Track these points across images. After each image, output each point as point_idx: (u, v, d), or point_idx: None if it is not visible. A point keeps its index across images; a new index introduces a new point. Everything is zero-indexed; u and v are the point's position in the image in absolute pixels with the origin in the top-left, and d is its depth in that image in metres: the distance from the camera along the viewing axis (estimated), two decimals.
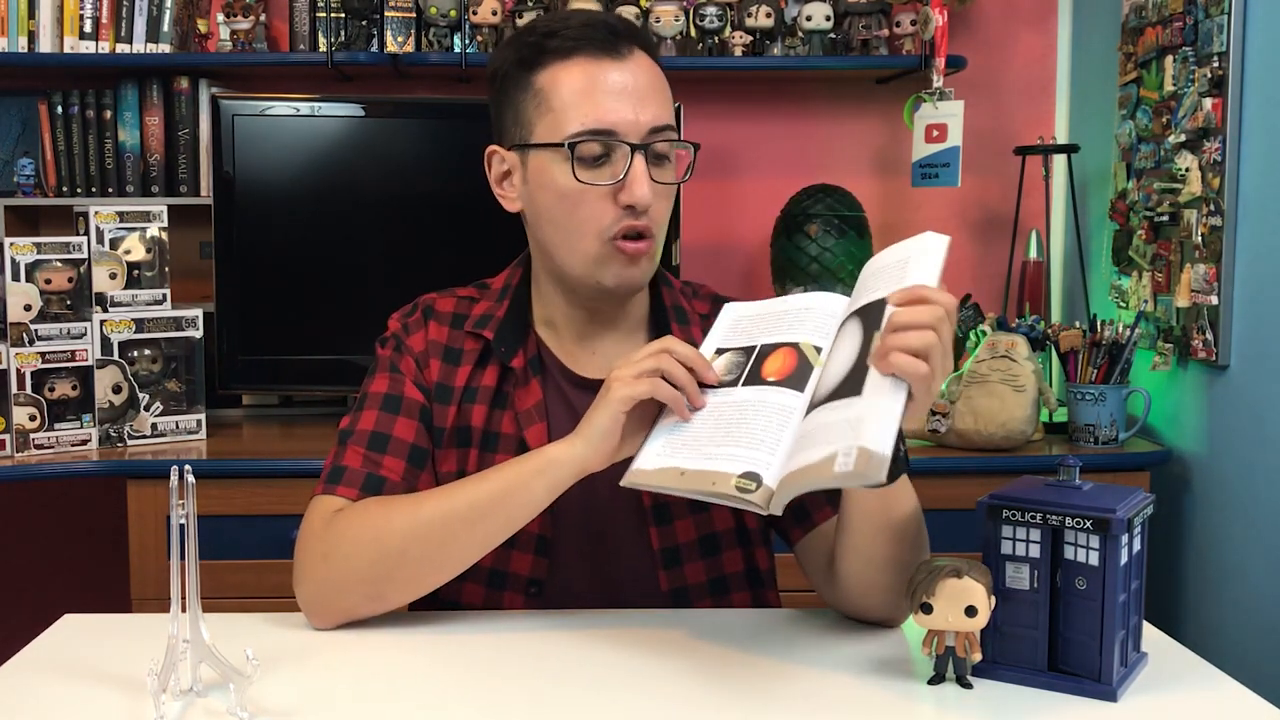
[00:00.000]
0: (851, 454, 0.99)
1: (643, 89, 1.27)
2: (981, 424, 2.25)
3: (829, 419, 1.05)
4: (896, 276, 1.10)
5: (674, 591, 1.33)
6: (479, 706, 1.06)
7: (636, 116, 1.25)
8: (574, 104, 1.26)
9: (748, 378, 1.16)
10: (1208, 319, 2.17)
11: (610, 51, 1.27)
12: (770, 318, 1.22)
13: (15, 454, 2.18)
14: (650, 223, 1.28)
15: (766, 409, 1.11)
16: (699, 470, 1.10)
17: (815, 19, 2.62)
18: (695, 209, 2.75)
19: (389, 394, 1.33)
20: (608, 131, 1.25)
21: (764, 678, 1.12)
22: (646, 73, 1.28)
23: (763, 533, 1.37)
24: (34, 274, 2.19)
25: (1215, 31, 2.13)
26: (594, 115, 1.25)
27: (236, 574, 2.14)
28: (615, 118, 1.25)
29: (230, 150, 2.45)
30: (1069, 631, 1.08)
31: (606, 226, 1.26)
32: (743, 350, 1.19)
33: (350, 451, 1.30)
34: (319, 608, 1.23)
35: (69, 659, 1.16)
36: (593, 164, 1.26)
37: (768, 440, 1.09)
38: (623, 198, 1.25)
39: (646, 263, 1.30)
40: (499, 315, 1.36)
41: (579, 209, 1.27)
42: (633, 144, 1.25)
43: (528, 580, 1.32)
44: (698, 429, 1.14)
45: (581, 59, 1.26)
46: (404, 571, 1.21)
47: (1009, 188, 2.74)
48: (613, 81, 1.26)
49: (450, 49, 2.63)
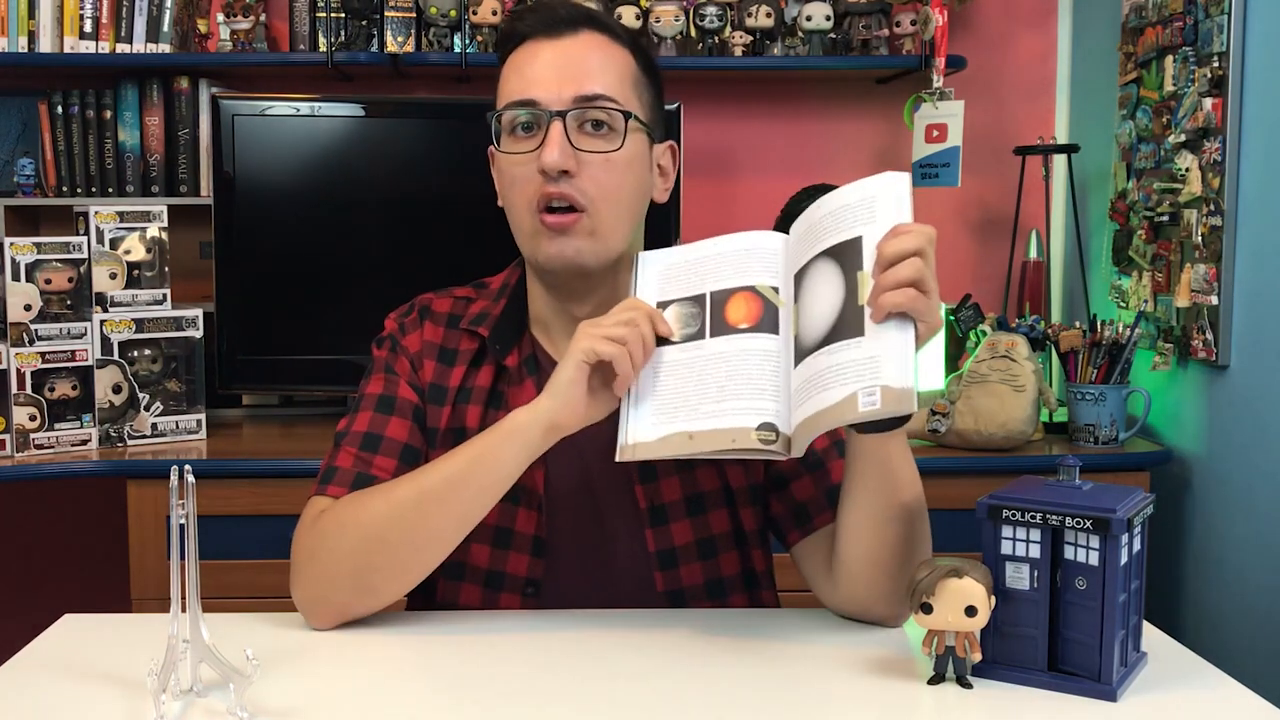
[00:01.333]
0: (875, 393, 1.03)
1: (575, 62, 1.27)
2: (981, 424, 2.25)
3: (837, 360, 1.07)
4: (864, 215, 1.11)
5: (670, 593, 1.32)
6: (478, 706, 1.06)
7: (559, 88, 1.25)
8: (507, 80, 1.29)
9: (713, 328, 1.16)
10: (1208, 319, 2.17)
11: (550, 31, 1.28)
12: (707, 263, 1.22)
13: (15, 454, 2.18)
14: (575, 192, 1.25)
15: (751, 356, 1.13)
16: (711, 430, 1.11)
17: (815, 19, 2.62)
18: (695, 209, 2.75)
19: (383, 395, 1.33)
20: (528, 101, 1.26)
21: (763, 678, 1.12)
22: (586, 48, 1.28)
23: (760, 534, 1.37)
24: (34, 274, 2.19)
25: (1215, 31, 2.13)
26: (520, 87, 1.27)
27: (236, 574, 2.14)
28: (538, 89, 1.26)
29: (230, 150, 2.45)
30: (1069, 631, 1.08)
31: (530, 196, 1.26)
32: (692, 300, 1.20)
33: (343, 452, 1.30)
34: (314, 607, 1.23)
35: (69, 659, 1.16)
36: (522, 135, 1.27)
37: (768, 388, 1.11)
38: (538, 163, 1.25)
39: (581, 239, 1.27)
40: (495, 314, 1.36)
41: (511, 183, 1.29)
42: (552, 111, 1.25)
43: (525, 581, 1.32)
44: (682, 387, 1.15)
45: (527, 43, 1.29)
46: (385, 556, 1.21)
47: (1009, 188, 2.74)
48: (546, 56, 1.28)
49: (450, 49, 2.63)
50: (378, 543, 1.20)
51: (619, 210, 1.29)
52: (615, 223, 1.29)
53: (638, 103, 1.30)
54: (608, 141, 1.27)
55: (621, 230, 1.30)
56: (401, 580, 1.23)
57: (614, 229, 1.29)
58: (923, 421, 2.30)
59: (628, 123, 1.27)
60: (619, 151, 1.27)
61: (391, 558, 1.21)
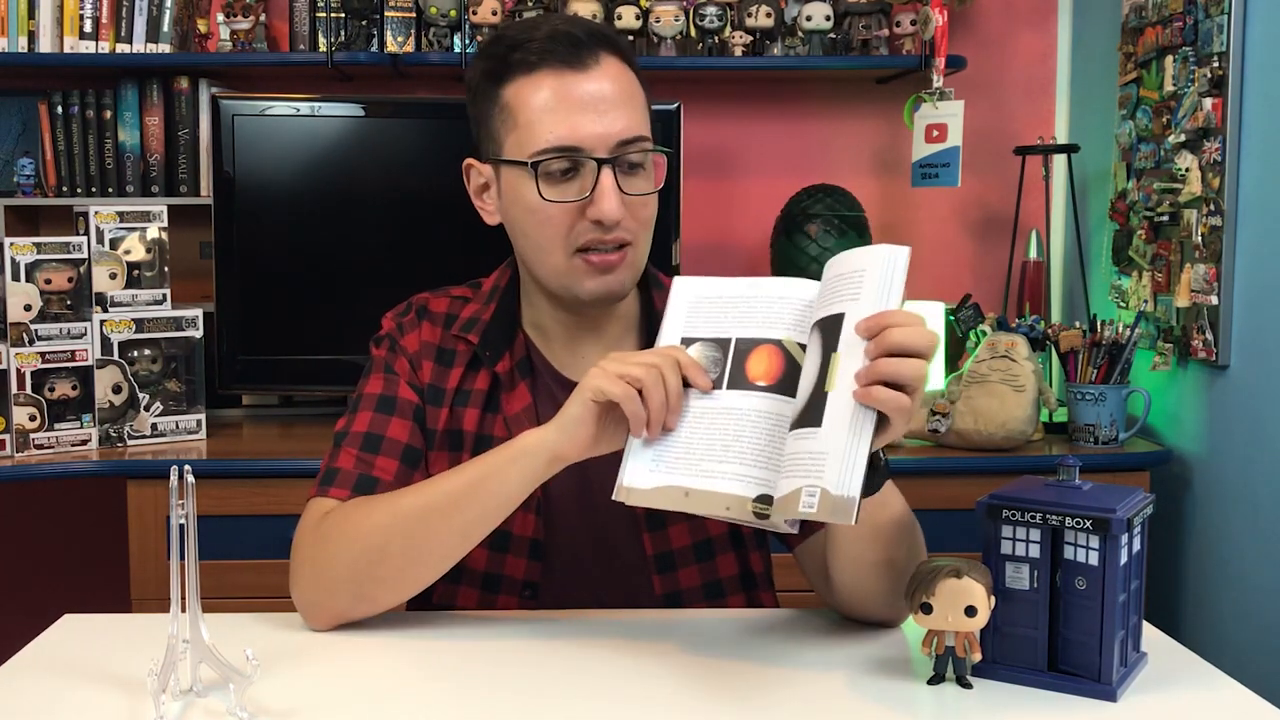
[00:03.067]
0: (815, 494, 0.99)
1: (609, 99, 1.24)
2: (981, 424, 2.25)
3: (796, 448, 1.03)
4: (851, 290, 1.05)
5: (668, 596, 1.33)
6: (476, 707, 1.06)
7: (604, 130, 1.22)
8: (539, 120, 1.23)
9: (731, 379, 1.12)
10: (1208, 319, 2.17)
11: (574, 64, 1.23)
12: (739, 304, 1.15)
13: (15, 454, 2.18)
14: (624, 233, 1.25)
15: (763, 420, 1.09)
16: (706, 491, 1.09)
17: (815, 19, 2.62)
18: (695, 209, 2.75)
19: (383, 395, 1.33)
20: (573, 148, 1.22)
21: (762, 679, 1.12)
22: (614, 80, 1.25)
23: (758, 536, 1.37)
24: (34, 274, 2.19)
25: (1215, 31, 2.13)
26: (558, 132, 1.22)
27: (236, 574, 2.14)
28: (581, 133, 1.22)
29: (230, 150, 2.44)
30: (1069, 631, 1.08)
31: (573, 240, 1.25)
32: (716, 344, 1.15)
33: (344, 453, 1.29)
34: (312, 610, 1.23)
35: (69, 659, 1.16)
36: (560, 179, 1.24)
37: (773, 456, 1.07)
38: (590, 213, 1.23)
39: (624, 272, 1.27)
40: (485, 319, 1.35)
41: (547, 226, 1.25)
42: (599, 159, 1.22)
43: (523, 584, 1.32)
44: (688, 437, 1.11)
45: (546, 73, 1.24)
46: (385, 568, 1.20)
47: (1009, 188, 2.74)
48: (578, 95, 1.23)
49: (450, 49, 2.63)
50: (378, 554, 1.20)
51: (650, 237, 1.31)
52: (647, 246, 1.31)
53: (650, 127, 1.30)
54: (646, 181, 1.27)
55: (648, 251, 1.31)
56: (400, 591, 1.23)
57: (645, 253, 1.31)
58: (923, 421, 2.30)
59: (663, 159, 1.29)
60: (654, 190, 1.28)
61: (391, 570, 1.20)
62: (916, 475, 2.22)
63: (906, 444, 2.32)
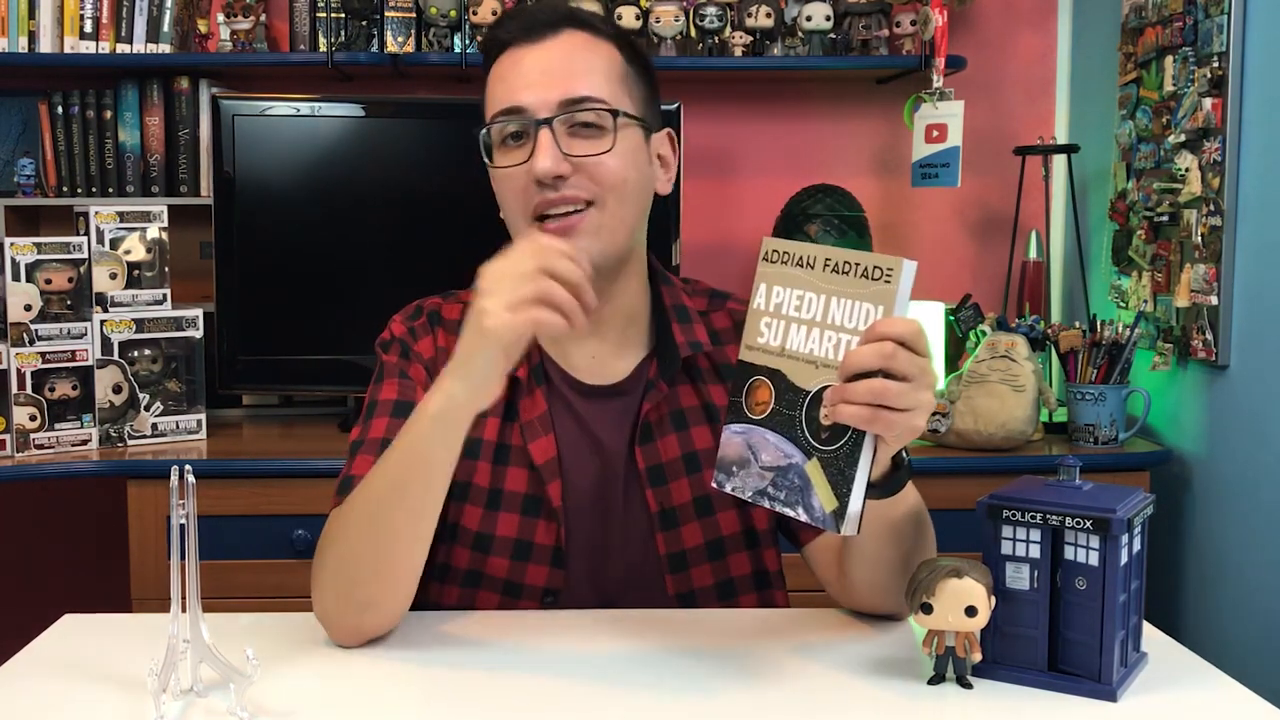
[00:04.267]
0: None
1: (557, 66, 1.25)
2: (981, 424, 2.25)
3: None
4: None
5: (680, 596, 1.32)
6: (479, 707, 1.06)
7: (545, 91, 1.24)
8: (491, 91, 1.29)
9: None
10: (1207, 319, 2.17)
11: (530, 37, 1.27)
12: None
13: (15, 454, 2.18)
14: (575, 191, 1.24)
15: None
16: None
17: (815, 19, 2.62)
18: (695, 209, 2.75)
19: (400, 400, 1.30)
20: (514, 109, 1.25)
21: (765, 677, 1.12)
22: (567, 50, 1.27)
23: (771, 534, 1.37)
24: (34, 274, 2.19)
25: (1215, 31, 2.13)
26: (503, 97, 1.26)
27: (236, 574, 2.14)
28: (521, 95, 1.25)
29: (230, 150, 2.44)
30: (1069, 631, 1.08)
31: (526, 206, 1.25)
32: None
33: (361, 460, 1.27)
34: (327, 625, 1.21)
35: (69, 659, 1.16)
36: (512, 145, 1.26)
37: None
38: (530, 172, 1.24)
39: (587, 237, 1.24)
40: None
41: (507, 195, 1.28)
42: (538, 120, 1.24)
43: (543, 590, 1.31)
44: None
45: (509, 50, 1.28)
46: (361, 569, 1.17)
47: (1009, 188, 2.74)
48: (527, 62, 1.26)
49: (450, 49, 2.63)
50: (350, 558, 1.18)
51: (625, 204, 1.27)
52: (622, 216, 1.27)
53: (627, 98, 1.28)
54: (599, 143, 1.25)
55: (628, 224, 1.28)
56: (388, 587, 1.19)
57: (621, 222, 1.27)
58: None
59: (617, 120, 1.25)
60: (611, 151, 1.25)
61: (366, 569, 1.18)
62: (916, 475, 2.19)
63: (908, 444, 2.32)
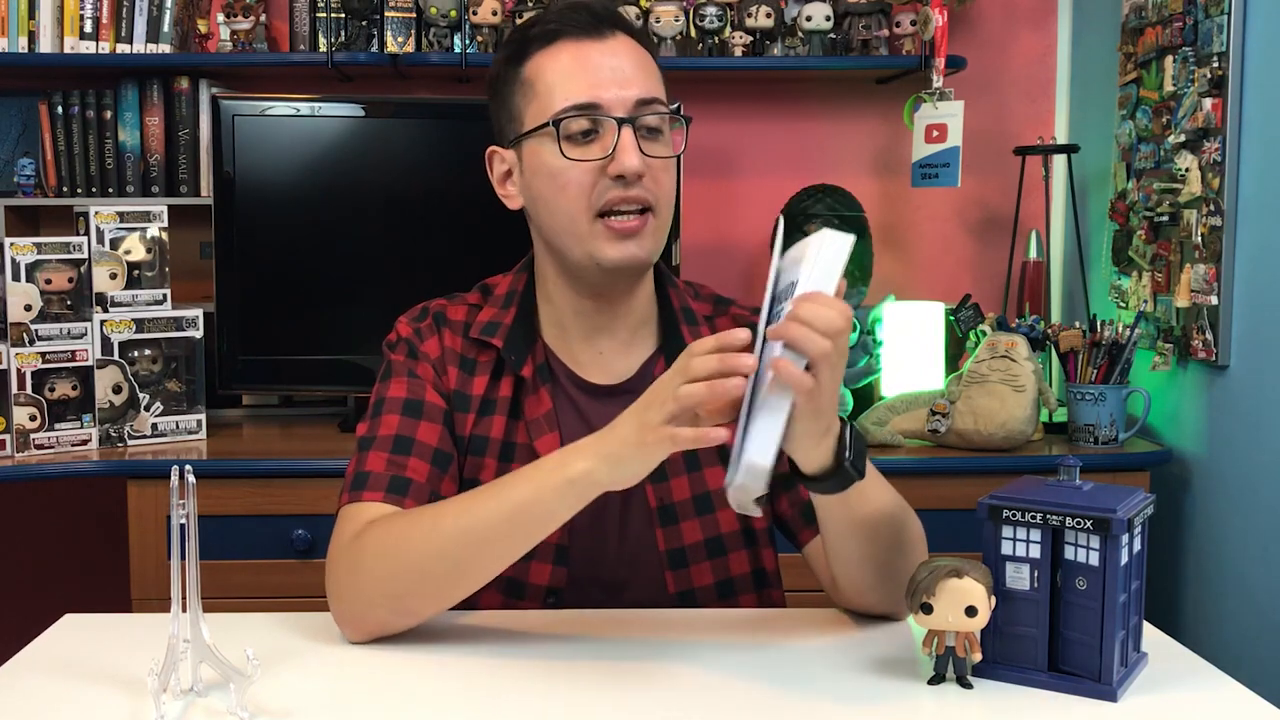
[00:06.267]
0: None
1: (627, 66, 1.26)
2: (981, 424, 2.25)
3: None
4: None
5: (681, 594, 1.32)
6: (481, 706, 1.06)
7: (622, 90, 1.25)
8: (559, 84, 1.26)
9: None
10: (1207, 319, 2.17)
11: (592, 33, 1.27)
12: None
13: (15, 454, 2.18)
14: (647, 195, 1.25)
15: None
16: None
17: (815, 19, 2.62)
18: (695, 209, 2.75)
19: (409, 399, 1.31)
20: (592, 105, 1.24)
21: (764, 677, 1.12)
22: (631, 51, 1.28)
23: (769, 534, 1.37)
24: (34, 274, 2.19)
25: (1215, 31, 2.13)
26: (578, 91, 1.25)
27: (236, 574, 2.14)
28: (600, 92, 1.24)
29: (230, 150, 2.44)
30: (1069, 631, 1.08)
31: (595, 201, 1.25)
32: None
33: (373, 456, 1.27)
34: (350, 622, 1.21)
35: (69, 659, 1.16)
36: (582, 141, 1.25)
37: None
38: (612, 169, 1.24)
39: (646, 240, 1.27)
40: (507, 323, 1.35)
41: (569, 187, 1.26)
42: (619, 117, 1.24)
43: (546, 589, 1.31)
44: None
45: (565, 42, 1.27)
46: (427, 586, 1.19)
47: (1009, 188, 2.74)
48: (596, 59, 1.26)
49: (450, 49, 2.63)
50: (417, 574, 1.18)
51: (669, 210, 1.31)
52: (667, 222, 1.31)
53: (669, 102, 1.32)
54: (665, 146, 1.29)
55: (667, 231, 1.32)
56: (440, 605, 1.21)
57: (665, 229, 1.31)
58: (923, 421, 2.30)
59: (675, 124, 1.30)
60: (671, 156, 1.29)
61: (432, 588, 1.19)
62: (916, 475, 2.22)
63: (906, 444, 2.32)
